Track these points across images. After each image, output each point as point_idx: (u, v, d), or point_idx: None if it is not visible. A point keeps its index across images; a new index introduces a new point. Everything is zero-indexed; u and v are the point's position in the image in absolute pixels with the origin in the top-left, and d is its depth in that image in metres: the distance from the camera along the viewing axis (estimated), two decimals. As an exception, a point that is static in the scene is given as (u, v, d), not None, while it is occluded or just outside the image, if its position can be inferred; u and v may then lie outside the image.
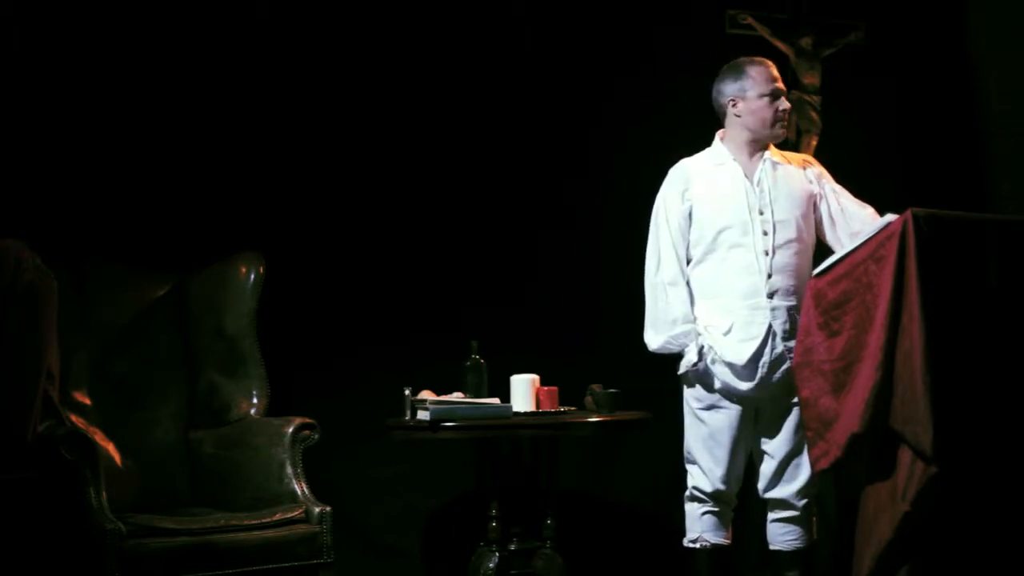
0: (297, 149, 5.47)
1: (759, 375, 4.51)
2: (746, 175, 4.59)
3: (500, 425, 4.85)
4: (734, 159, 4.61)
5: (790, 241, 4.57)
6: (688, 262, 4.60)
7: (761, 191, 4.56)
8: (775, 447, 4.59)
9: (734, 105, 4.60)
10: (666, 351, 4.61)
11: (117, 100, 5.24)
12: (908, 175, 6.11)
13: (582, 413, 5.02)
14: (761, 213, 4.55)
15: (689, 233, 4.59)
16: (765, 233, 4.54)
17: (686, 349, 4.55)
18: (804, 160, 4.77)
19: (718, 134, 4.69)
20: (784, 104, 4.60)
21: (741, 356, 4.50)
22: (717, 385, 4.54)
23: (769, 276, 4.51)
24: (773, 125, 4.59)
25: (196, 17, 5.34)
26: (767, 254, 4.53)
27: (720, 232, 4.54)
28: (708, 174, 4.60)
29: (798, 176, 4.66)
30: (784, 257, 4.55)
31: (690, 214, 4.58)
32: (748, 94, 4.57)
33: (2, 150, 5.03)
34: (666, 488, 5.39)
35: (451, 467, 5.46)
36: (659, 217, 4.63)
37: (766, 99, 4.57)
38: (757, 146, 4.62)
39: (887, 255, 4.06)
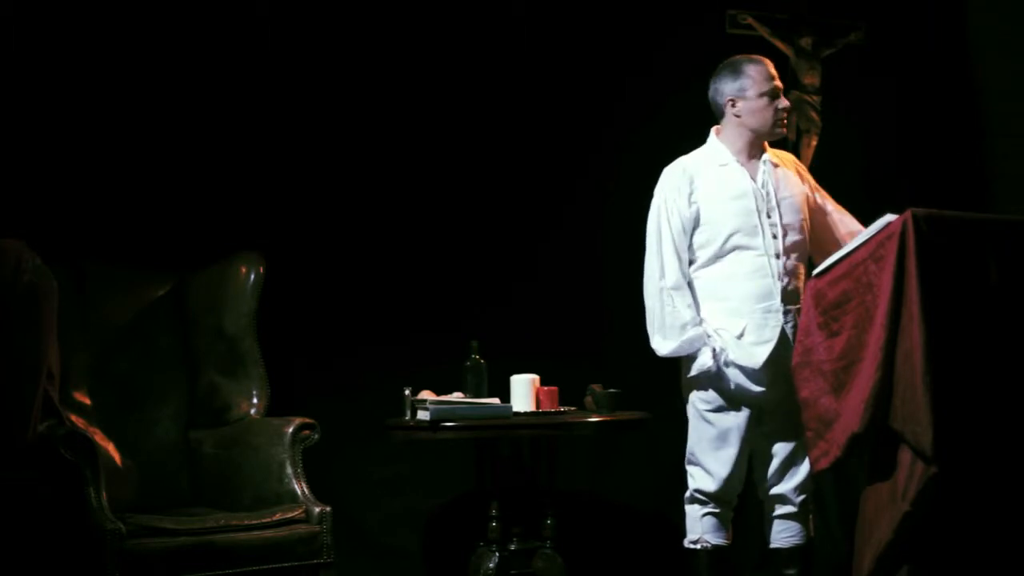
0: (297, 149, 5.47)
1: (771, 377, 4.50)
2: (751, 177, 4.58)
3: (500, 425, 4.84)
4: (736, 160, 4.60)
5: (795, 244, 4.58)
6: (690, 263, 4.59)
7: (767, 193, 4.56)
8: (777, 446, 4.59)
9: (733, 105, 4.58)
10: (677, 356, 4.59)
11: (117, 100, 5.24)
12: (908, 175, 6.11)
13: (582, 413, 5.01)
14: (768, 216, 4.54)
15: (693, 235, 4.57)
16: (774, 236, 4.53)
17: (699, 352, 4.54)
18: (794, 162, 4.78)
19: (713, 131, 4.67)
20: (783, 102, 4.59)
21: (756, 359, 4.49)
22: (730, 388, 4.53)
23: (781, 279, 4.51)
24: (774, 125, 4.58)
25: (196, 16, 5.34)
26: (777, 257, 4.52)
27: (730, 235, 4.52)
28: (712, 175, 4.58)
29: (795, 179, 4.67)
30: (791, 260, 4.56)
31: (696, 217, 4.56)
32: (748, 93, 4.56)
33: (2, 150, 5.03)
34: (666, 488, 5.39)
35: (451, 467, 5.46)
36: (661, 220, 4.57)
37: (766, 98, 4.55)
38: (756, 146, 4.62)
39: (887, 255, 4.06)
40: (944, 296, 4.00)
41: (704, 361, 4.51)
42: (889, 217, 4.15)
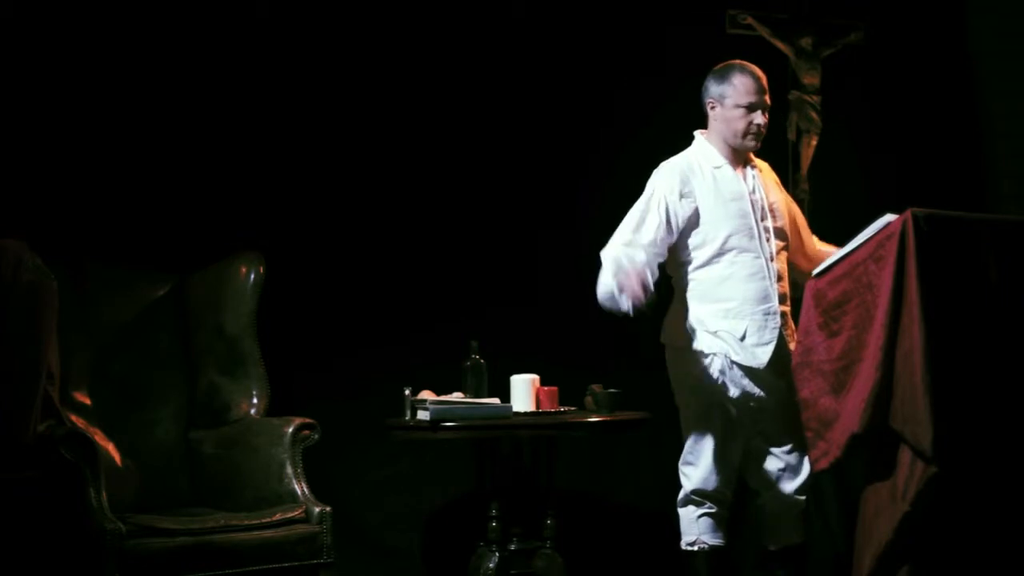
0: (297, 149, 5.47)
1: (770, 378, 4.50)
2: (743, 180, 4.59)
3: (500, 425, 4.84)
4: (727, 163, 4.61)
5: (784, 247, 4.63)
6: (686, 265, 4.58)
7: (760, 197, 4.58)
8: (776, 447, 4.59)
9: (712, 108, 4.60)
10: (611, 294, 4.42)
11: (117, 100, 5.24)
12: (908, 175, 6.11)
13: (582, 413, 5.01)
14: (763, 219, 4.56)
15: (690, 236, 4.55)
16: (768, 240, 4.55)
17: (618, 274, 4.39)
18: (772, 172, 4.79)
19: (700, 134, 4.67)
20: (759, 119, 4.56)
21: (760, 360, 4.49)
22: (732, 390, 4.52)
23: (775, 282, 4.53)
24: (743, 136, 4.57)
25: (196, 17, 5.34)
26: (771, 259, 4.54)
27: (728, 237, 4.52)
28: (708, 176, 4.57)
29: (777, 187, 4.73)
30: (780, 262, 4.60)
31: (694, 217, 4.55)
32: (726, 101, 4.56)
33: (2, 149, 5.03)
34: (666, 488, 5.38)
35: (451, 467, 5.46)
36: (650, 204, 4.51)
37: (741, 110, 4.54)
38: (740, 152, 4.62)
39: (887, 255, 4.06)
40: (944, 296, 4.00)
41: (607, 280, 4.38)
42: (889, 217, 4.15)
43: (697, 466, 4.59)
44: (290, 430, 4.75)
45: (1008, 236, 4.17)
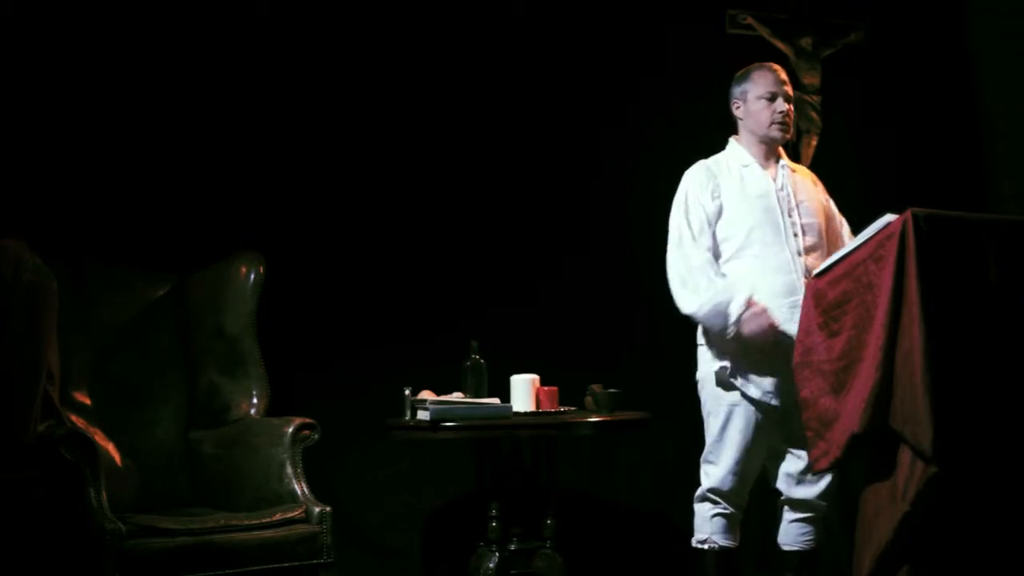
0: (297, 149, 5.48)
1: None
2: (771, 178, 4.62)
3: (500, 425, 4.84)
4: (756, 162, 4.64)
5: (815, 245, 4.62)
6: (715, 260, 4.59)
7: (787, 195, 4.60)
8: (803, 447, 4.56)
9: (737, 108, 4.68)
10: (707, 315, 4.49)
11: (117, 100, 5.24)
12: (908, 175, 6.12)
13: (582, 413, 5.02)
14: (789, 215, 4.57)
15: (716, 229, 4.58)
16: (795, 235, 4.56)
17: (731, 302, 4.45)
18: (810, 173, 4.84)
19: (733, 138, 4.73)
20: (782, 106, 4.63)
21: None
22: (753, 390, 4.52)
23: (803, 277, 4.52)
24: (769, 126, 4.63)
25: (196, 17, 5.34)
26: (799, 255, 4.54)
27: (751, 230, 4.55)
28: (735, 174, 4.63)
29: (812, 186, 4.75)
30: (811, 259, 4.58)
31: (719, 211, 4.57)
32: (748, 96, 4.66)
33: (2, 150, 5.03)
34: (666, 488, 5.39)
35: (451, 467, 5.46)
36: (682, 214, 4.57)
37: (763, 101, 4.63)
38: (768, 150, 4.66)
39: (887, 255, 4.06)
40: (944, 296, 3.99)
41: (740, 302, 4.43)
42: (889, 217, 4.15)
43: (717, 465, 4.59)
44: (290, 430, 4.75)
45: (1008, 236, 4.16)
